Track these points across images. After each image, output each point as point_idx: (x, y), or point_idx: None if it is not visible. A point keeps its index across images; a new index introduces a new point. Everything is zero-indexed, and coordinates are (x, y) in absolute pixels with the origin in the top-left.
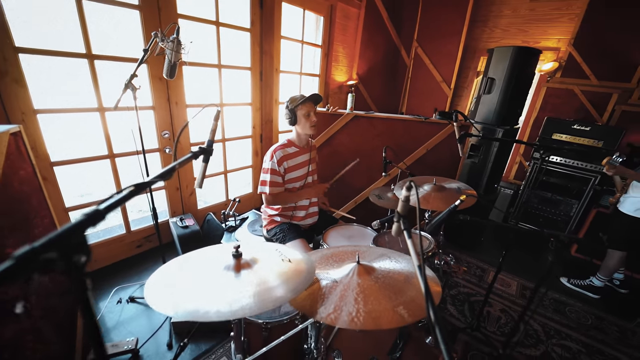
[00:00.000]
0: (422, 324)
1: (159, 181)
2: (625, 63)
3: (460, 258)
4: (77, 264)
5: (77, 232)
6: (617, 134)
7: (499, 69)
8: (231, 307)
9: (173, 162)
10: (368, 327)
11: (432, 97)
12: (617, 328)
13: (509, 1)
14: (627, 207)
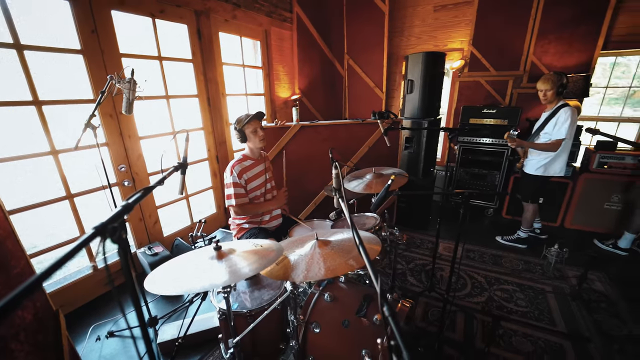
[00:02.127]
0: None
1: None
2: (513, 55)
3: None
4: (121, 235)
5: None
6: (516, 113)
7: (415, 71)
8: (212, 281)
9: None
10: (329, 276)
11: (369, 100)
12: (540, 267)
13: (417, 13)
14: (529, 168)
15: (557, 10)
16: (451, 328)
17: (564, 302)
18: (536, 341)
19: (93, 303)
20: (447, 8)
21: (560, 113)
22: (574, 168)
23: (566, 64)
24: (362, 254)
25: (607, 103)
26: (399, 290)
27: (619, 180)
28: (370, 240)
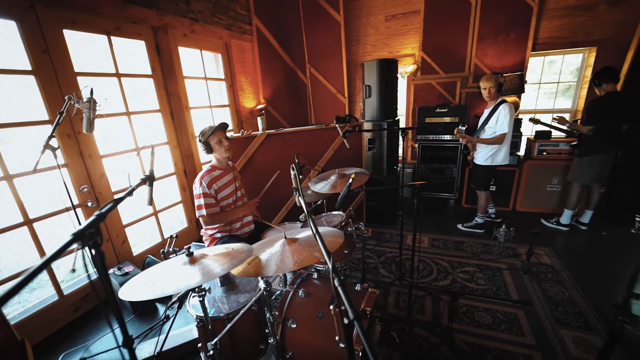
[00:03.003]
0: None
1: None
2: (459, 58)
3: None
4: (96, 241)
5: (93, 227)
6: (465, 110)
7: (372, 77)
8: (187, 282)
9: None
10: (297, 267)
11: (333, 106)
12: (497, 248)
13: (371, 23)
14: (478, 159)
15: (491, 18)
16: (420, 311)
17: (517, 276)
18: (495, 313)
19: (62, 331)
20: (397, 17)
21: (500, 109)
22: (518, 157)
23: (504, 64)
24: (317, 239)
25: (546, 96)
26: (371, 282)
27: (556, 164)
28: (334, 234)
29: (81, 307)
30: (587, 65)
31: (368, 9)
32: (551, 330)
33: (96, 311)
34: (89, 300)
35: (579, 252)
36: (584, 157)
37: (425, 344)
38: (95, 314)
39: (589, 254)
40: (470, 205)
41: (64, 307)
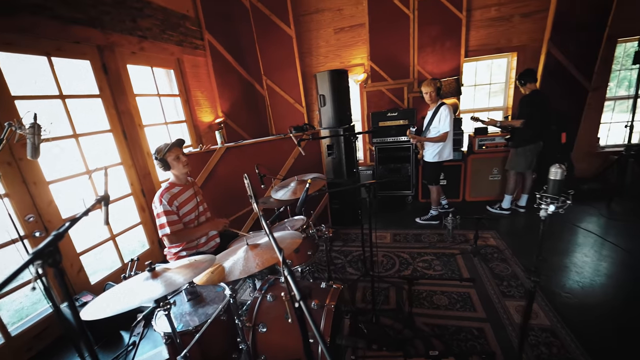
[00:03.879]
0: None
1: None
2: (404, 66)
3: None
4: (55, 259)
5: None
6: (413, 113)
7: (325, 87)
8: (150, 295)
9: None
10: (260, 268)
11: (292, 115)
12: (447, 236)
13: (321, 35)
14: (427, 157)
15: (428, 29)
16: (386, 301)
17: (468, 259)
18: (450, 294)
19: None
20: (345, 30)
21: (441, 110)
22: (462, 152)
23: (442, 70)
24: (267, 235)
25: (487, 96)
26: (339, 281)
27: (495, 157)
28: (293, 236)
29: (35, 345)
30: (511, 68)
31: (317, 22)
32: (498, 303)
33: (55, 346)
34: (43, 337)
35: (519, 232)
36: (518, 147)
37: (391, 331)
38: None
39: (528, 232)
40: (426, 199)
41: (14, 350)
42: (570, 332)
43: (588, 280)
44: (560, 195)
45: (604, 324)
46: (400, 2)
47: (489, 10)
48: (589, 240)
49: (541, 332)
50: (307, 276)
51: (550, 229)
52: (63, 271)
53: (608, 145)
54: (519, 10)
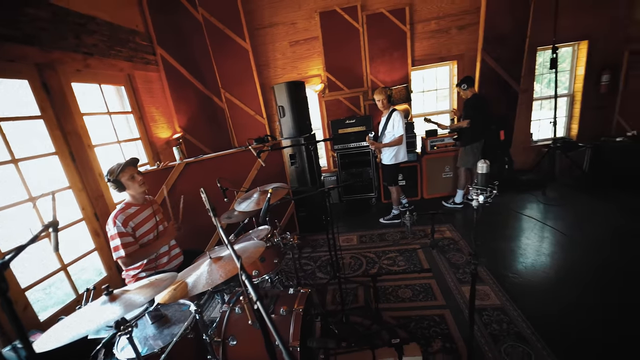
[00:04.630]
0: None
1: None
2: (358, 75)
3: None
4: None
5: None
6: (369, 119)
7: (283, 99)
8: (109, 317)
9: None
10: (224, 279)
11: (253, 127)
12: (413, 234)
13: (277, 48)
14: (384, 160)
15: (377, 42)
16: (355, 300)
17: (428, 252)
18: (414, 287)
19: None
20: (299, 43)
21: (393, 116)
22: (417, 153)
23: (393, 78)
24: (225, 243)
25: (434, 101)
26: (309, 287)
27: (446, 156)
28: (256, 245)
29: None
30: (453, 75)
31: (272, 36)
32: (455, 289)
33: None
34: None
35: (471, 223)
36: (466, 146)
37: (360, 328)
38: None
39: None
40: (388, 200)
41: None
42: (517, 309)
43: (531, 260)
44: (487, 187)
45: (545, 299)
46: (350, 17)
47: (429, 23)
48: (529, 224)
49: (493, 311)
50: (278, 285)
51: (497, 217)
52: (10, 300)
53: (540, 139)
54: (455, 24)
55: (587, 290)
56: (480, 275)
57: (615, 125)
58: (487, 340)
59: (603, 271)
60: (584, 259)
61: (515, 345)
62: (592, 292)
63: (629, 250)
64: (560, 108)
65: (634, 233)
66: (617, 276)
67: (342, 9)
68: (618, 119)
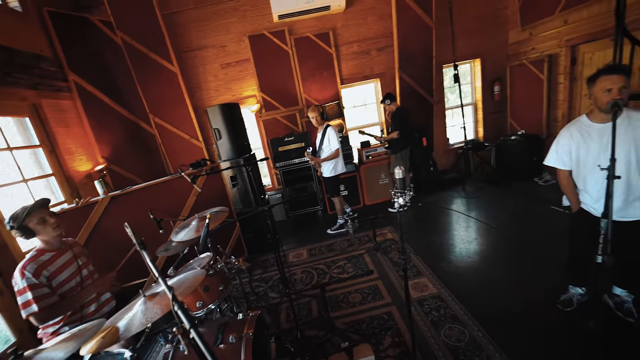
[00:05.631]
0: None
1: None
2: (292, 94)
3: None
4: None
5: None
6: (307, 136)
7: (218, 121)
8: None
9: None
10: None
11: (189, 152)
12: (357, 240)
13: (208, 71)
14: (325, 173)
15: (307, 63)
16: (309, 314)
17: (373, 255)
18: (363, 290)
19: None
20: (231, 65)
21: (328, 132)
22: (355, 164)
23: (325, 96)
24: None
25: (365, 114)
26: (261, 308)
27: (380, 164)
28: (195, 274)
29: None
30: (377, 91)
31: (202, 59)
32: (399, 286)
33: None
34: None
35: (409, 223)
36: (397, 153)
37: (315, 340)
38: None
39: (416, 221)
40: (333, 211)
41: None
42: (452, 294)
43: (458, 249)
44: (405, 189)
45: (472, 280)
46: (279, 40)
47: (352, 46)
48: (455, 217)
49: (432, 299)
50: (228, 313)
51: (428, 215)
52: None
53: (455, 143)
54: (374, 46)
55: (502, 266)
56: (419, 269)
57: (509, 126)
58: (429, 328)
59: (512, 247)
60: (499, 241)
61: (452, 327)
62: (505, 267)
63: (527, 226)
64: (468, 115)
65: (528, 211)
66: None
67: (271, 32)
68: (510, 121)
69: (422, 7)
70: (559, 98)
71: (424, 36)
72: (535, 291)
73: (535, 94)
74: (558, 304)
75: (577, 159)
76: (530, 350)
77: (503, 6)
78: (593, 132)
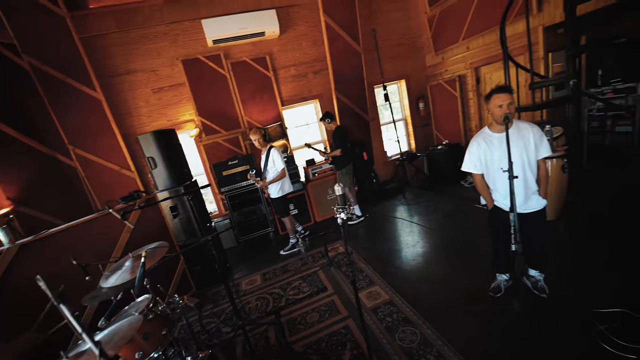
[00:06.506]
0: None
1: None
2: (233, 118)
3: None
4: None
5: None
6: (252, 158)
7: (152, 149)
8: None
9: None
10: None
11: (120, 184)
12: (311, 258)
13: (138, 96)
14: (272, 194)
15: (246, 86)
16: (267, 343)
17: (328, 271)
18: (319, 308)
19: None
20: (164, 90)
21: (272, 153)
22: (302, 182)
23: (267, 118)
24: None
25: (308, 133)
26: (214, 346)
27: (326, 180)
28: (130, 322)
29: None
30: (317, 111)
31: (131, 83)
32: (353, 298)
33: None
34: None
35: (360, 234)
36: (342, 169)
37: None
38: None
39: (366, 232)
40: (285, 231)
41: None
42: (402, 297)
43: (404, 254)
44: (345, 205)
45: (419, 282)
46: (215, 65)
47: (289, 69)
48: (400, 224)
49: (384, 306)
50: (175, 359)
51: (376, 224)
52: None
53: (392, 155)
54: (310, 69)
55: (442, 264)
56: (371, 278)
57: (435, 137)
58: (384, 334)
59: (448, 245)
60: (437, 241)
61: (405, 329)
62: (445, 264)
63: (459, 224)
64: (400, 129)
65: (458, 211)
66: (457, 246)
67: (206, 57)
68: (436, 133)
69: (351, 35)
70: (471, 111)
71: (354, 60)
72: (471, 282)
73: (452, 108)
74: (490, 292)
75: (486, 163)
76: (472, 337)
77: (419, 34)
78: (494, 140)
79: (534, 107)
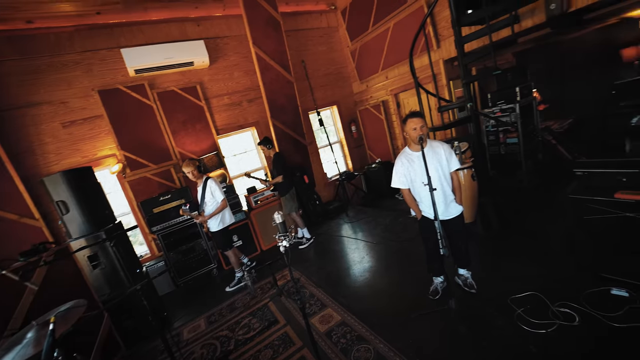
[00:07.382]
0: None
1: None
2: (163, 150)
3: None
4: None
5: None
6: (187, 191)
7: (62, 192)
8: None
9: None
10: None
11: (20, 236)
12: (260, 290)
13: (44, 131)
14: (212, 227)
15: (175, 116)
16: None
17: (278, 302)
18: (272, 343)
19: None
20: (77, 123)
21: (209, 184)
22: (245, 211)
23: (202, 148)
24: None
25: (248, 161)
26: None
27: (270, 206)
28: None
29: None
30: (255, 138)
31: (34, 117)
32: (306, 326)
33: None
34: None
35: (308, 258)
36: (285, 195)
37: None
38: None
39: (314, 256)
40: (230, 266)
41: None
42: (353, 315)
43: (352, 271)
44: (286, 232)
45: (368, 297)
46: (139, 95)
47: (222, 98)
48: (346, 242)
49: (338, 327)
50: None
51: (323, 246)
52: None
53: (332, 175)
54: (245, 98)
55: (386, 275)
56: (323, 301)
57: (369, 156)
58: (340, 357)
59: (390, 256)
60: (380, 253)
61: (359, 348)
62: (389, 275)
63: (397, 235)
64: (337, 151)
65: (395, 223)
66: (397, 256)
67: (128, 87)
68: (369, 153)
69: (282, 65)
70: (396, 132)
71: (287, 89)
72: (413, 288)
73: (379, 130)
74: (429, 295)
75: (411, 179)
76: (420, 339)
77: (344, 65)
78: (415, 158)
79: (444, 127)
